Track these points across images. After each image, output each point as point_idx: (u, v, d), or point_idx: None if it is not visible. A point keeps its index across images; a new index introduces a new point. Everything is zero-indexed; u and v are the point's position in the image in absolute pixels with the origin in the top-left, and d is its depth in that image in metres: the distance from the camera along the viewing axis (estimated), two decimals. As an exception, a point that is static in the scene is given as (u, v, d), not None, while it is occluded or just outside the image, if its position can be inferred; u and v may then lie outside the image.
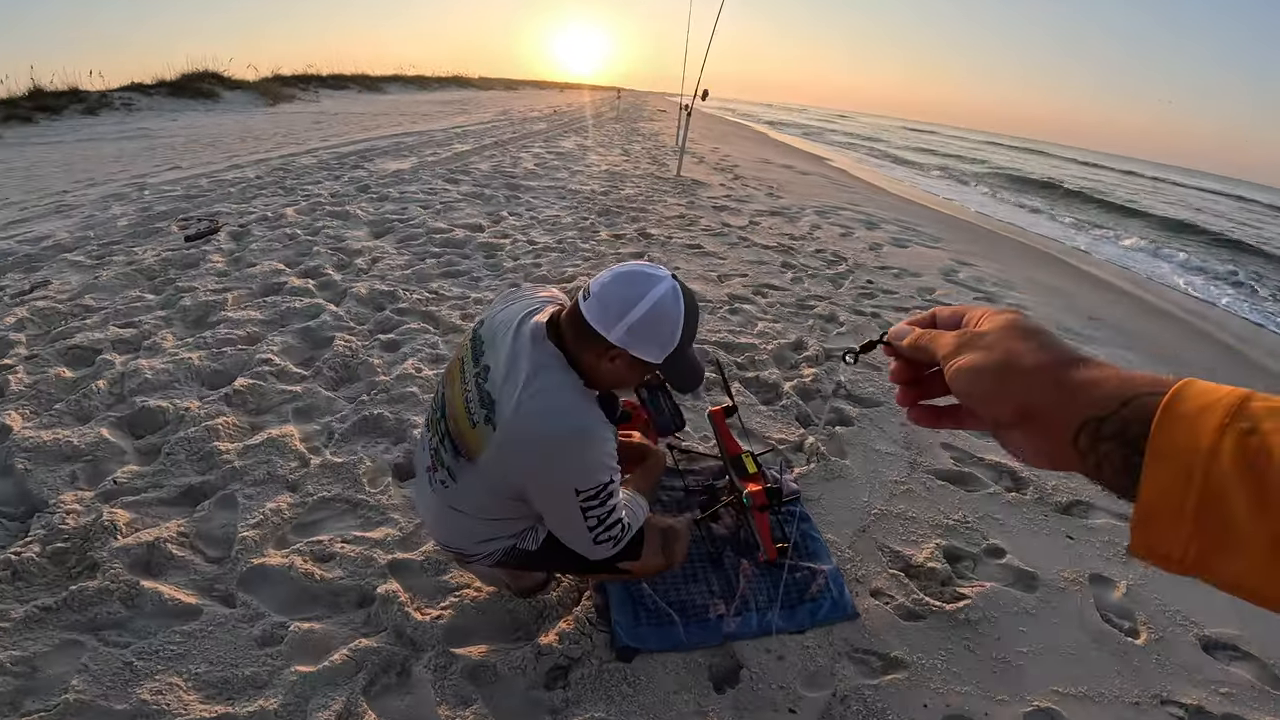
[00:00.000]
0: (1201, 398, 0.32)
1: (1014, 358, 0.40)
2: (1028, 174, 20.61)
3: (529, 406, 1.11)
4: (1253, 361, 4.97)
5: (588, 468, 1.13)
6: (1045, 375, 0.38)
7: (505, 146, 9.76)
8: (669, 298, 1.10)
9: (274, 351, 2.69)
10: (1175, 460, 0.31)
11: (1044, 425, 0.38)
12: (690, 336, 1.16)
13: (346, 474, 2.01)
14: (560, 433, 1.10)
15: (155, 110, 12.24)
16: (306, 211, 4.88)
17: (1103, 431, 0.35)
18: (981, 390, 0.41)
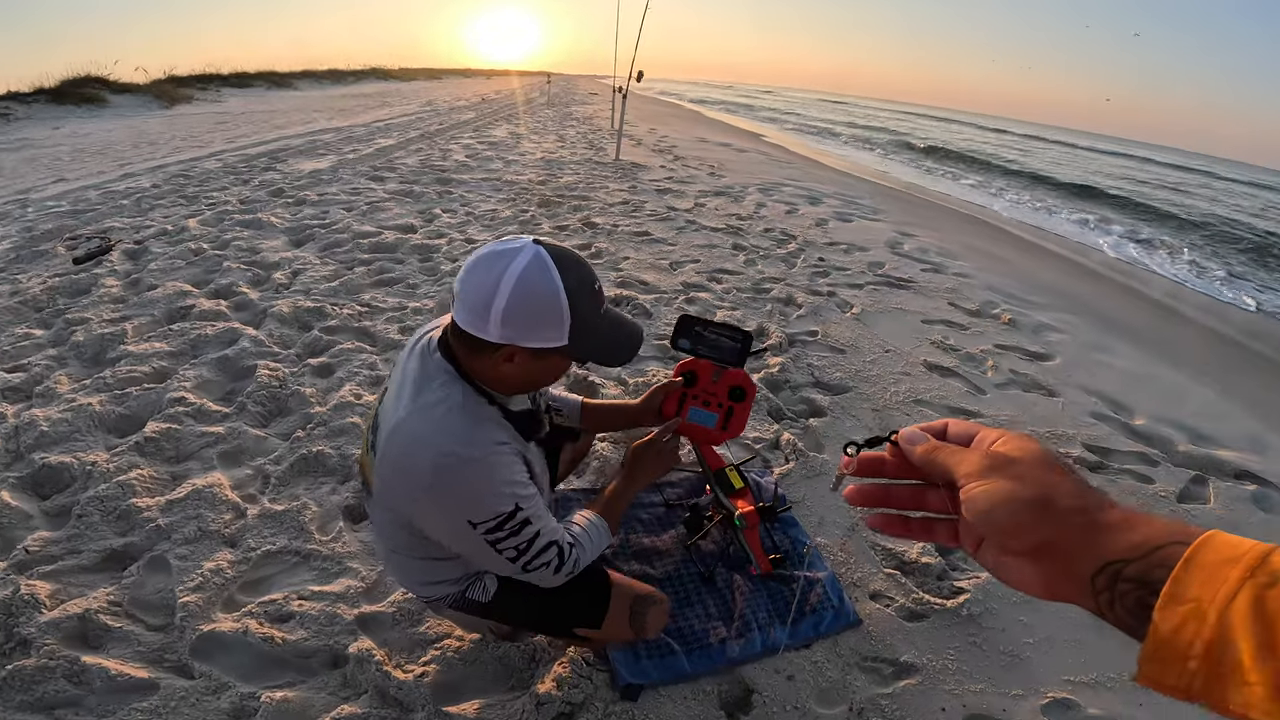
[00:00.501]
0: (1225, 550, 0.34)
1: (1052, 494, 0.41)
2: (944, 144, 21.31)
3: (402, 432, 0.98)
4: (1185, 316, 5.23)
5: (476, 497, 0.97)
6: (1081, 517, 0.40)
7: (433, 139, 9.27)
8: (534, 268, 0.91)
9: (187, 388, 2.38)
10: (1191, 603, 0.33)
11: (1064, 562, 0.40)
12: (589, 299, 0.97)
13: (290, 522, 1.80)
14: (432, 461, 0.94)
15: (36, 119, 11.05)
16: (213, 222, 4.43)
17: (1125, 574, 0.37)
18: (1011, 520, 0.42)
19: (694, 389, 1.55)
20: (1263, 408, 3.28)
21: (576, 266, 0.96)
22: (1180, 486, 2.38)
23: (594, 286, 0.99)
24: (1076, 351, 3.56)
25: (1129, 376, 3.34)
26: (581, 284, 0.96)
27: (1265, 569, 0.32)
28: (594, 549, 1.19)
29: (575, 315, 0.95)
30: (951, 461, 0.46)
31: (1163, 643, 0.34)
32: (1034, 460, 0.43)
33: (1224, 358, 4.21)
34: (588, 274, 0.98)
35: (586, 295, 0.97)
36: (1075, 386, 3.10)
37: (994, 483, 0.43)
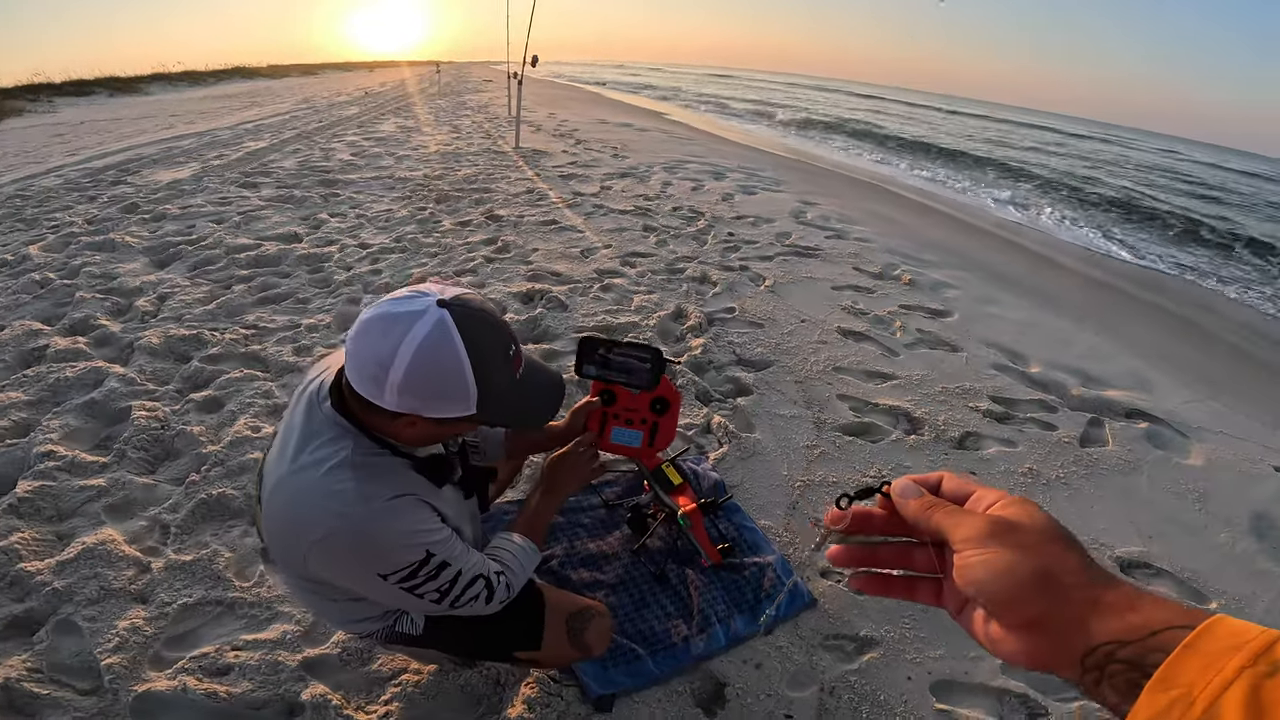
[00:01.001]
0: (1229, 638, 0.32)
1: (1055, 569, 0.39)
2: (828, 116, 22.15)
3: (284, 491, 0.90)
4: (1060, 265, 5.71)
5: (379, 553, 0.89)
6: (1082, 594, 0.38)
7: (311, 138, 8.58)
8: (435, 338, 0.81)
9: (54, 439, 2.10)
10: (1181, 689, 0.32)
11: (1057, 638, 0.38)
12: (501, 366, 0.88)
13: (203, 571, 1.67)
14: (320, 524, 0.86)
15: None
16: (57, 247, 3.88)
17: (1119, 655, 0.35)
18: (1009, 594, 0.39)
19: (614, 407, 1.50)
20: (1141, 346, 3.62)
21: (488, 331, 0.86)
22: (1080, 431, 2.57)
23: (508, 352, 0.90)
24: (970, 306, 3.80)
25: (1020, 326, 3.60)
26: (492, 351, 0.87)
27: (1268, 658, 0.30)
28: (524, 570, 1.14)
29: (483, 386, 0.86)
30: (948, 523, 0.43)
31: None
32: (1038, 530, 0.41)
33: (1097, 302, 4.63)
34: (500, 338, 0.89)
35: (498, 363, 0.88)
36: (975, 340, 3.30)
37: (994, 552, 0.40)
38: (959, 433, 2.45)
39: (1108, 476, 2.32)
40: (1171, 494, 2.28)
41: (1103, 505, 2.16)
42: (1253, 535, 2.12)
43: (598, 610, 1.30)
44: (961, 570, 0.41)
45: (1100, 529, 2.05)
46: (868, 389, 2.71)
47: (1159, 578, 1.90)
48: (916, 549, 0.48)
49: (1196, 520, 2.16)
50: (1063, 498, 2.17)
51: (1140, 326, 4.12)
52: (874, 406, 2.58)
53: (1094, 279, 5.36)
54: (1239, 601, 1.84)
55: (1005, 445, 2.41)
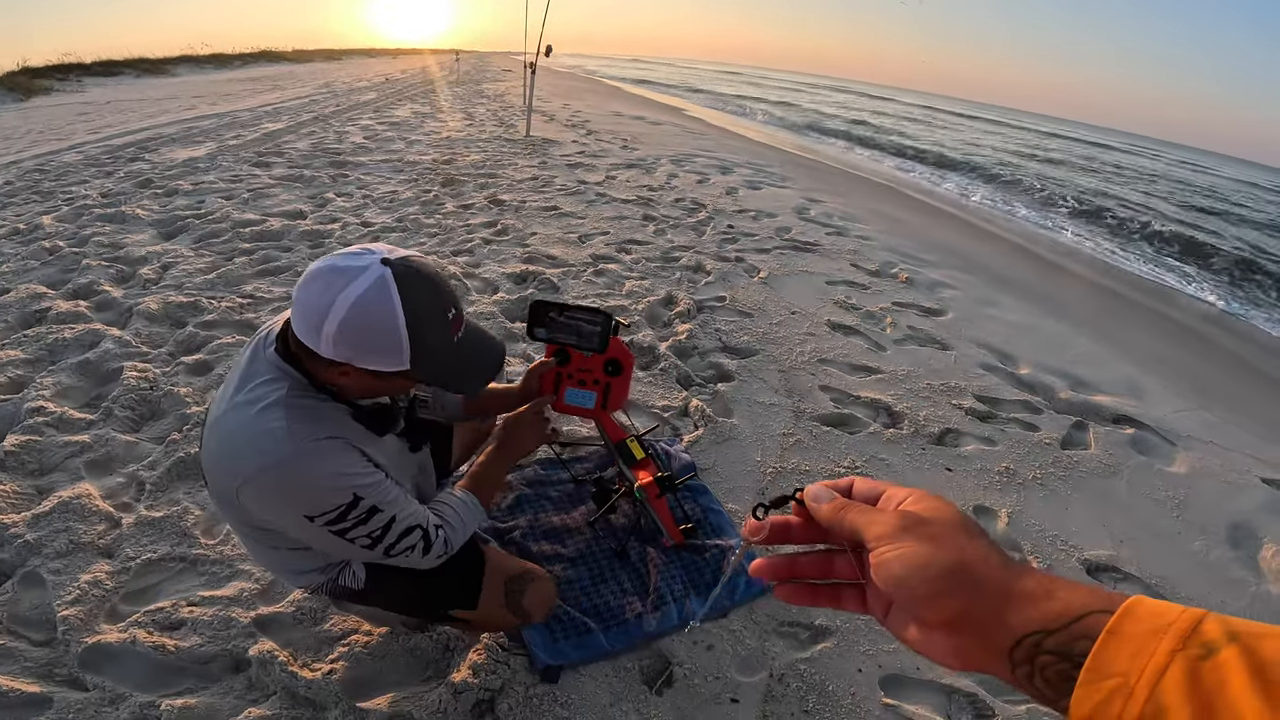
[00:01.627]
0: (1151, 619, 0.32)
1: (967, 560, 0.39)
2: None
3: (219, 429, 0.94)
4: (1070, 272, 5.64)
5: (305, 493, 0.92)
6: (997, 585, 0.38)
7: (327, 121, 8.69)
8: (373, 294, 0.84)
9: (46, 397, 2.16)
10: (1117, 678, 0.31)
11: (981, 634, 0.37)
12: (438, 326, 0.91)
13: (171, 528, 1.71)
14: (250, 460, 0.90)
15: None
16: (70, 218, 3.98)
17: (1045, 645, 0.35)
18: (925, 587, 0.39)
19: (568, 367, 1.53)
20: (1137, 353, 3.58)
21: (428, 293, 0.89)
22: (1063, 433, 2.55)
23: (446, 314, 0.92)
24: (967, 306, 3.78)
25: (1015, 328, 3.58)
26: (430, 312, 0.89)
27: (1197, 639, 0.30)
28: (465, 526, 1.15)
29: (417, 344, 0.88)
30: (861, 522, 0.43)
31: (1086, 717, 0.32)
32: (948, 522, 0.41)
33: (1101, 308, 4.57)
34: (441, 299, 0.91)
35: (435, 322, 0.91)
36: (966, 340, 3.29)
37: (907, 546, 0.40)
38: (939, 429, 2.45)
39: (1086, 479, 2.30)
40: (1150, 500, 2.26)
41: (1077, 507, 2.15)
42: (1228, 544, 2.10)
43: (538, 575, 1.31)
44: (878, 567, 0.41)
45: (1072, 530, 2.04)
46: (850, 381, 2.72)
47: (1126, 582, 1.89)
48: (837, 555, 0.47)
49: (1171, 527, 2.14)
50: (1037, 498, 2.16)
51: (1140, 334, 4.07)
52: (855, 399, 2.59)
53: (1102, 286, 5.29)
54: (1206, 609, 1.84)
55: (984, 444, 2.41)
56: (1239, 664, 0.29)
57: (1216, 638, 0.30)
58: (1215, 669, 0.29)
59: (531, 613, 1.28)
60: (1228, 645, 0.30)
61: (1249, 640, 0.30)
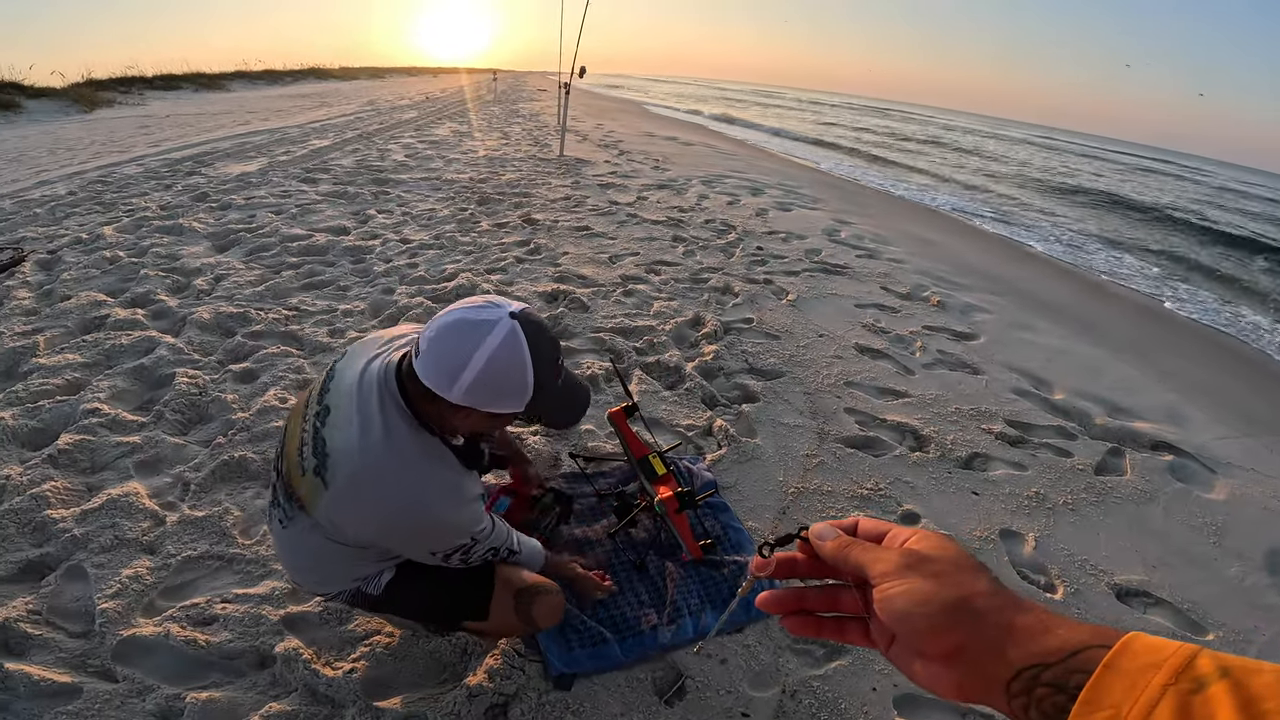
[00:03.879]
0: (1147, 655, 0.33)
1: (969, 595, 0.40)
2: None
3: (365, 474, 1.00)
4: (1111, 294, 5.52)
5: (440, 534, 1.08)
6: (997, 619, 0.39)
7: (371, 139, 9.02)
8: (506, 347, 0.94)
9: (101, 399, 2.29)
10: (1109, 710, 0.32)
11: (980, 666, 0.38)
12: (551, 373, 1.02)
13: (212, 528, 1.78)
14: (399, 508, 1.02)
15: None
16: (130, 229, 4.21)
17: (1042, 679, 0.36)
18: (927, 623, 0.40)
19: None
20: (1179, 379, 3.49)
21: (547, 342, 1.00)
22: (1097, 459, 2.50)
23: (557, 361, 1.03)
24: (1001, 330, 3.73)
25: (1051, 353, 3.52)
26: (549, 360, 1.00)
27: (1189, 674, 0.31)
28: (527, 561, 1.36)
29: (536, 389, 0.99)
30: (866, 559, 0.45)
31: None
32: (950, 560, 0.43)
33: (1142, 333, 4.46)
34: (554, 348, 1.02)
35: (549, 368, 1.01)
36: (999, 364, 3.25)
37: (911, 582, 0.42)
38: (966, 453, 2.42)
39: (1120, 505, 2.26)
40: (1186, 526, 2.21)
41: (1109, 533, 2.12)
42: (1265, 570, 2.04)
43: (547, 587, 1.35)
44: (881, 603, 0.42)
45: (1102, 555, 2.00)
46: (877, 404, 2.71)
47: (1157, 607, 1.86)
48: (843, 591, 0.49)
49: (1207, 553, 2.09)
50: (1067, 523, 2.13)
51: (1183, 360, 3.95)
52: (881, 422, 2.58)
53: (1146, 309, 5.16)
54: (1237, 635, 1.78)
55: (1014, 468, 2.38)
56: (1228, 699, 0.29)
57: (1209, 673, 0.31)
58: (1205, 703, 0.30)
59: (539, 622, 1.33)
60: (1219, 680, 0.30)
61: (1240, 675, 0.30)
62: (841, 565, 0.47)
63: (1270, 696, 0.29)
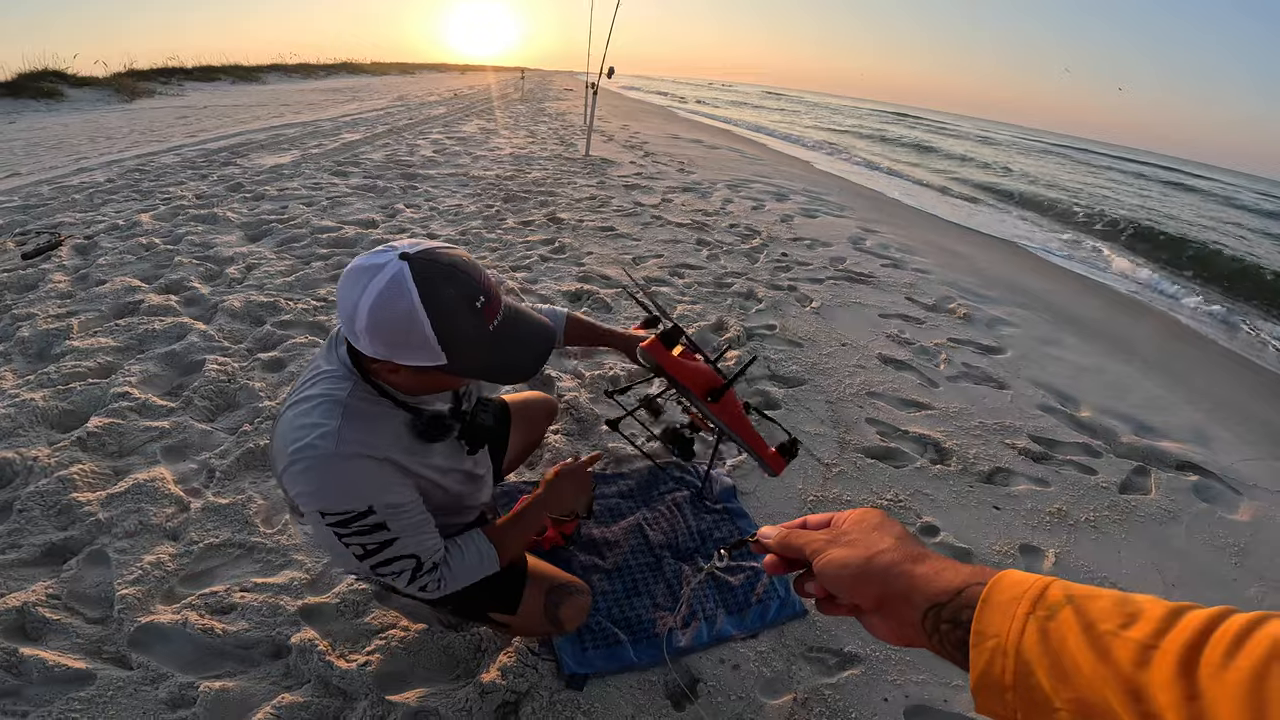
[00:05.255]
0: (1013, 588, 0.39)
1: (875, 554, 0.48)
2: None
3: (281, 419, 0.98)
4: (1146, 309, 5.39)
5: (329, 491, 0.94)
6: (898, 570, 0.46)
7: (400, 134, 9.14)
8: (389, 292, 0.84)
9: (132, 383, 2.33)
10: (994, 639, 0.38)
11: (897, 611, 0.46)
12: (467, 317, 0.88)
13: (235, 515, 1.79)
14: (293, 448, 0.93)
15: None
16: (166, 217, 4.32)
17: (942, 615, 0.42)
18: (847, 583, 0.48)
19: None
20: (1209, 399, 3.40)
21: (447, 283, 0.86)
22: (1122, 478, 2.46)
23: (474, 303, 0.88)
24: (1028, 345, 3.67)
25: (1078, 369, 3.45)
26: (453, 303, 0.87)
27: (1044, 603, 0.37)
28: (464, 575, 1.12)
29: (446, 337, 0.87)
30: (802, 543, 0.53)
31: (981, 676, 0.38)
32: (865, 527, 0.51)
33: (1173, 351, 4.36)
34: (465, 289, 0.88)
35: (463, 314, 0.88)
36: (1025, 379, 3.19)
37: (833, 553, 0.50)
38: (989, 467, 2.39)
39: (1142, 524, 2.22)
40: (1209, 546, 2.17)
41: (1130, 551, 2.08)
42: (1286, 591, 1.99)
43: (578, 588, 1.35)
44: (818, 575, 0.51)
45: (1121, 573, 1.97)
46: (899, 416, 2.68)
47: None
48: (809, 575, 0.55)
49: (1228, 574, 2.05)
50: (1089, 539, 2.09)
51: (1214, 379, 3.85)
52: (903, 433, 2.55)
53: (1179, 327, 5.03)
54: None
55: (1037, 484, 2.34)
56: (1073, 622, 0.36)
57: (1058, 600, 0.37)
58: (1058, 627, 0.36)
59: (565, 623, 1.32)
60: (1065, 606, 0.36)
61: (1081, 601, 0.36)
62: (790, 554, 0.54)
63: (1104, 619, 0.35)
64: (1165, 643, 0.33)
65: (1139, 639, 0.34)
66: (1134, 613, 0.35)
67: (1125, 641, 0.34)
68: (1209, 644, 0.32)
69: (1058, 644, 0.35)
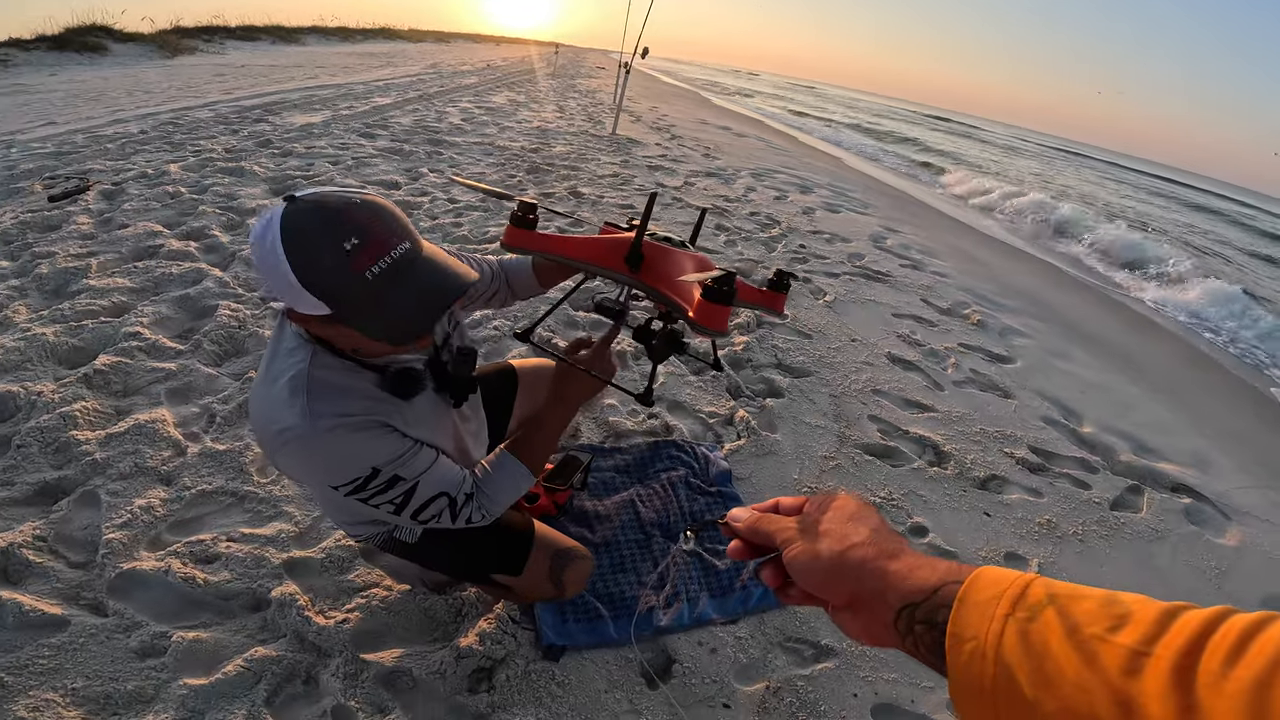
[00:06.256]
0: (992, 586, 0.37)
1: (848, 549, 0.44)
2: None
3: (252, 402, 0.96)
4: (1163, 330, 5.28)
5: (327, 466, 0.92)
6: (871, 567, 0.43)
7: (431, 100, 9.16)
8: (261, 227, 0.81)
9: (144, 324, 2.37)
10: (972, 642, 0.35)
11: (869, 610, 0.43)
12: (330, 261, 0.80)
13: (230, 463, 1.80)
14: (275, 435, 0.91)
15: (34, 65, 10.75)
16: (194, 168, 4.38)
17: (916, 616, 0.40)
18: (818, 579, 0.45)
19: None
20: (1212, 425, 3.34)
21: (314, 223, 0.80)
22: (1115, 495, 2.43)
23: (342, 244, 0.80)
24: (1038, 357, 3.62)
25: (1086, 385, 3.40)
26: (315, 242, 0.80)
27: (1024, 604, 0.35)
28: (504, 493, 1.10)
29: (307, 278, 0.80)
30: (772, 529, 0.50)
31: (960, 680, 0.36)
32: (839, 517, 0.47)
33: (1183, 375, 4.27)
34: (333, 228, 0.80)
35: (325, 253, 0.80)
36: (1031, 390, 3.15)
37: (803, 545, 0.46)
38: (984, 474, 2.37)
39: (1129, 541, 2.21)
40: (1191, 567, 2.16)
41: (1113, 567, 2.07)
42: (1255, 613, 1.99)
43: (582, 553, 1.35)
44: (788, 566, 0.48)
45: (1101, 581, 1.96)
46: (901, 416, 2.67)
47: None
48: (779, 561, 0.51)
49: (1207, 595, 2.04)
50: (1073, 552, 2.09)
51: (1220, 406, 3.77)
52: (903, 433, 2.54)
53: (1194, 352, 4.92)
54: None
55: (1030, 494, 2.32)
56: (1057, 624, 0.33)
57: (1040, 600, 0.35)
58: (1040, 630, 0.34)
59: (567, 588, 1.31)
60: (1048, 607, 0.34)
61: (1064, 603, 0.34)
62: (756, 539, 0.51)
63: (1090, 622, 0.33)
64: (1158, 649, 0.30)
65: (1129, 645, 0.31)
66: (1123, 614, 0.33)
67: (1113, 647, 0.31)
68: (1206, 650, 0.29)
69: (1040, 648, 0.33)
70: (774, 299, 1.26)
